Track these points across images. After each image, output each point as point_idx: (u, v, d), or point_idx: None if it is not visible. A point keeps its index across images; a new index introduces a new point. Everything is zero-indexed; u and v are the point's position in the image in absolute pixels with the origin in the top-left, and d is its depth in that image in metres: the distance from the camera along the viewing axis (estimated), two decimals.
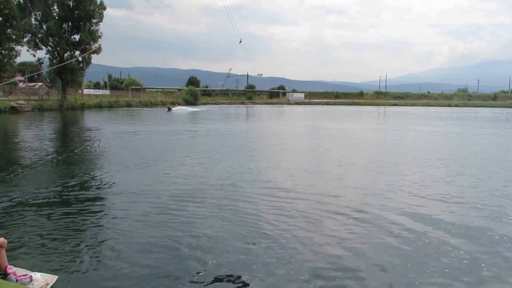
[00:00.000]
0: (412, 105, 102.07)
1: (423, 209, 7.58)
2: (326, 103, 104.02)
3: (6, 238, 4.22)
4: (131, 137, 21.06)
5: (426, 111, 69.25)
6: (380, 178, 10.48)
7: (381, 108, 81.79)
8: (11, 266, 4.12)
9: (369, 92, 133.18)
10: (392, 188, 9.35)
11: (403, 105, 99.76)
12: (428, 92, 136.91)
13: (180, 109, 57.89)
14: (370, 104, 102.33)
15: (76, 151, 16.01)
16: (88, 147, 17.08)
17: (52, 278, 4.20)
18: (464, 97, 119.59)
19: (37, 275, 4.17)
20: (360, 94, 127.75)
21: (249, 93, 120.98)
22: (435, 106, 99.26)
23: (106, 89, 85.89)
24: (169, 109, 56.69)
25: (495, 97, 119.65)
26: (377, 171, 11.61)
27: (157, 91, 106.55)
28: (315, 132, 25.98)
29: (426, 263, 5.13)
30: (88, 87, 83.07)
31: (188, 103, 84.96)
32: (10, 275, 3.96)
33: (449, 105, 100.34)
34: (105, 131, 24.27)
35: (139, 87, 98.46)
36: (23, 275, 4.06)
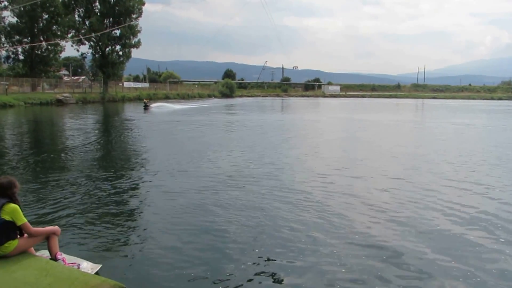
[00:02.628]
0: (452, 98, 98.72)
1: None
2: (362, 96, 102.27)
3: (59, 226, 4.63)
4: (169, 125, 21.59)
5: (467, 104, 66.87)
6: (420, 168, 10.33)
7: (419, 101, 79.66)
8: (61, 253, 4.46)
9: (406, 85, 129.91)
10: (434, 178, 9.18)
11: (443, 98, 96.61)
12: (470, 84, 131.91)
13: (162, 107, 43.19)
14: (407, 97, 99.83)
15: (118, 140, 16.69)
16: (130, 137, 17.74)
17: (97, 267, 4.51)
18: (508, 90, 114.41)
19: (83, 263, 4.48)
20: (398, 87, 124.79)
21: (284, 85, 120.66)
22: (477, 99, 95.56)
23: (145, 82, 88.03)
24: (146, 106, 39.85)
25: None
26: (418, 162, 11.44)
27: (194, 84, 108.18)
28: (352, 124, 25.69)
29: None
30: (128, 80, 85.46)
31: (224, 95, 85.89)
32: (59, 261, 4.29)
33: (492, 98, 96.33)
34: (145, 121, 25.08)
35: (177, 80, 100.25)
36: (72, 263, 4.39)
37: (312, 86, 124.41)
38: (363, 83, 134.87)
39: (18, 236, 4.25)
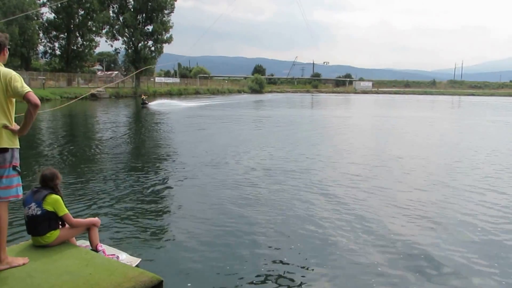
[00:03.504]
0: (491, 95, 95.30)
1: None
2: (395, 93, 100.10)
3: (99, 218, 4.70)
4: (201, 119, 21.73)
5: (508, 101, 64.38)
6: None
7: (456, 98, 77.33)
8: (101, 244, 4.50)
9: (442, 81, 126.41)
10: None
11: (481, 95, 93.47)
12: (510, 81, 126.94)
13: (164, 104, 37.81)
14: (443, 94, 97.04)
15: (150, 134, 16.93)
16: (161, 131, 17.97)
17: (136, 260, 4.51)
18: None
19: (123, 256, 4.49)
20: (433, 83, 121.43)
21: (314, 81, 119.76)
22: None
23: (176, 77, 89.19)
24: (144, 103, 34.97)
25: None
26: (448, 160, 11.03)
27: (223, 79, 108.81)
28: (385, 122, 25.13)
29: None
30: (159, 76, 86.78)
31: (254, 91, 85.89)
32: (99, 252, 4.32)
33: None
34: (179, 115, 25.40)
35: (207, 75, 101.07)
36: (111, 254, 4.41)
37: (343, 82, 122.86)
38: (396, 79, 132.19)
39: (60, 227, 4.31)
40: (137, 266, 4.28)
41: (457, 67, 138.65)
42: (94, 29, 58.82)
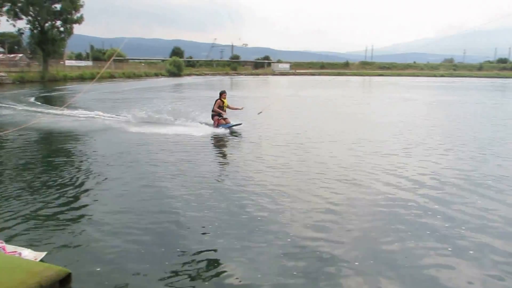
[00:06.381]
0: (398, 75, 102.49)
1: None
2: (312, 74, 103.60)
3: None
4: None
5: (412, 81, 69.73)
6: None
7: (367, 78, 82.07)
8: (2, 241, 4.26)
9: (355, 63, 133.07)
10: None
11: (389, 75, 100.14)
12: (414, 62, 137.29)
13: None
14: (355, 75, 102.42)
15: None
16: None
17: (40, 255, 4.33)
18: (450, 68, 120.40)
19: (25, 252, 4.28)
20: (346, 65, 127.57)
21: (233, 63, 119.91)
22: (421, 76, 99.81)
23: (88, 60, 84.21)
24: None
25: (480, 67, 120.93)
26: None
27: (140, 62, 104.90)
28: (297, 100, 26.04)
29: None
30: (70, 59, 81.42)
31: (172, 74, 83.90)
32: None
33: (435, 76, 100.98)
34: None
35: (122, 58, 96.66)
36: (12, 252, 4.20)
37: (262, 64, 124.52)
38: (312, 61, 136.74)
39: None
40: (42, 260, 4.12)
41: (368, 49, 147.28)
42: None
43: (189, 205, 6.32)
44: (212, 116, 14.14)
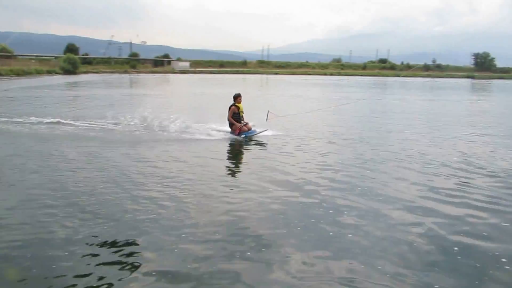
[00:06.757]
0: (292, 73, 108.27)
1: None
2: (211, 72, 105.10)
3: None
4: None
5: (305, 79, 74.89)
6: None
7: (264, 77, 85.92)
8: None
9: (252, 61, 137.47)
10: None
11: (284, 74, 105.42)
12: (307, 61, 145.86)
13: None
14: (253, 73, 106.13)
15: None
16: None
17: None
18: (338, 67, 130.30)
19: None
20: (244, 63, 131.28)
21: (132, 61, 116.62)
22: (313, 74, 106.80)
23: None
24: None
25: (364, 66, 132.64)
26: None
27: (30, 58, 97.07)
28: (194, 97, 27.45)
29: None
30: None
31: (66, 72, 79.40)
32: None
33: (325, 74, 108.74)
34: None
35: (9, 54, 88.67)
36: None
37: (162, 62, 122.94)
38: (212, 59, 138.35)
39: None
40: None
41: (265, 49, 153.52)
42: None
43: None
44: (230, 125, 12.73)
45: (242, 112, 12.72)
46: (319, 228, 5.60)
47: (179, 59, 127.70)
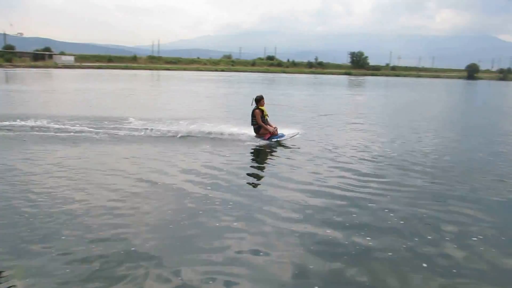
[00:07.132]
0: (184, 69, 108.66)
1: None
2: (99, 67, 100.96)
3: None
4: None
5: (196, 75, 76.27)
6: None
7: (155, 72, 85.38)
8: None
9: (142, 57, 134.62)
10: None
11: (176, 70, 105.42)
12: (198, 57, 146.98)
13: None
14: (144, 69, 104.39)
15: None
16: None
17: None
18: (229, 63, 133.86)
19: None
20: (134, 59, 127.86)
21: (8, 54, 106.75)
22: (204, 70, 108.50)
23: None
24: None
25: (253, 63, 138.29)
26: None
27: None
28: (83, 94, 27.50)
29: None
30: None
31: None
32: None
33: (216, 70, 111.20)
34: None
35: None
36: None
37: (42, 56, 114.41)
38: (99, 54, 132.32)
39: None
40: None
41: (155, 44, 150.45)
42: None
43: None
44: (256, 130, 11.98)
45: (267, 115, 12.07)
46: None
47: (62, 53, 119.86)
